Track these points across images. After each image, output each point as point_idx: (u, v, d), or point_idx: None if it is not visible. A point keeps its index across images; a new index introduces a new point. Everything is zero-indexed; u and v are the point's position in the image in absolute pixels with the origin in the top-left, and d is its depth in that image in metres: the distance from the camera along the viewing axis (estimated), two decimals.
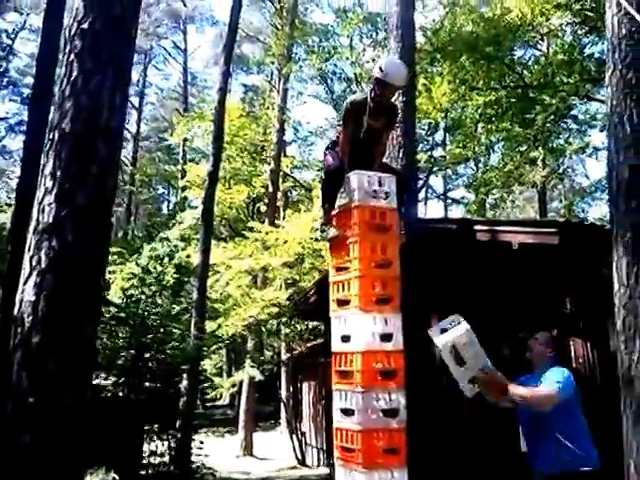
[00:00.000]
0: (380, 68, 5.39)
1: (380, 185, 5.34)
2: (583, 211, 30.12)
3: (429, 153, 27.71)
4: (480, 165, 28.71)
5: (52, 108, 4.69)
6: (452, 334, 5.02)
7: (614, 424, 5.77)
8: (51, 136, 4.50)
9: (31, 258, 4.29)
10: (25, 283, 4.27)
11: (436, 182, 37.86)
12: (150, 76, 47.60)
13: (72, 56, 4.59)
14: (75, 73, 4.53)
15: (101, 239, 4.49)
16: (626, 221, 5.99)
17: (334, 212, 5.61)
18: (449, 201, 37.10)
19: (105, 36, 4.60)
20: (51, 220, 4.26)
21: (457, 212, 37.14)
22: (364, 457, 4.70)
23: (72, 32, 4.68)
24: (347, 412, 5.00)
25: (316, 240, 16.19)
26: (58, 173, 4.34)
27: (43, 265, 4.20)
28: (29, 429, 4.05)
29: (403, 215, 7.60)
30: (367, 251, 5.14)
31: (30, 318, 4.17)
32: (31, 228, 4.38)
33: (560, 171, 30.98)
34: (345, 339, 5.19)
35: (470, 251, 8.51)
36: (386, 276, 5.20)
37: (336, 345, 5.34)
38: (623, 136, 6.17)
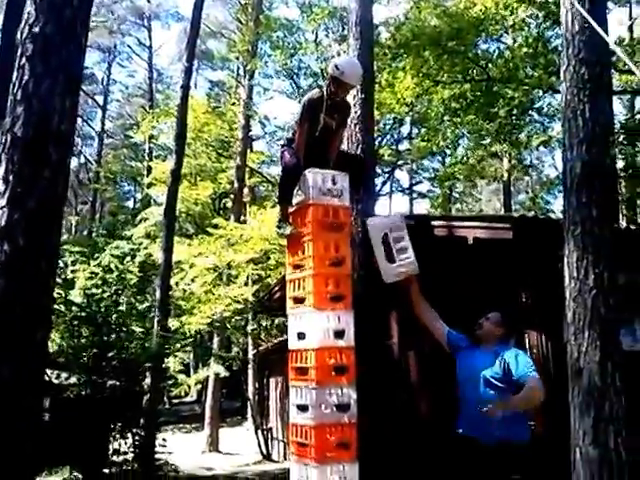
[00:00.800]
0: (336, 66, 5.46)
1: (334, 183, 5.40)
2: (548, 203, 30.13)
3: (394, 147, 27.81)
4: (447, 159, 28.75)
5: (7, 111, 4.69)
6: (385, 218, 5.21)
7: (564, 412, 5.94)
8: (4, 140, 4.50)
9: None
10: None
11: (402, 176, 37.98)
12: (115, 73, 47.34)
13: (24, 60, 4.59)
14: (26, 77, 4.53)
15: (52, 243, 4.49)
16: (577, 216, 6.12)
17: (291, 209, 5.68)
18: (415, 195, 37.18)
19: (55, 40, 4.60)
20: (3, 224, 4.27)
21: (423, 205, 37.32)
22: (317, 452, 4.79)
23: (24, 35, 4.68)
24: (302, 408, 5.08)
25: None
26: (11, 177, 4.35)
27: None
28: None
29: (362, 205, 7.63)
30: (321, 249, 5.22)
31: None
32: None
33: (524, 164, 31.20)
34: (301, 336, 5.29)
35: (428, 246, 8.60)
36: (339, 274, 5.28)
37: (292, 342, 5.45)
38: (576, 131, 6.30)
